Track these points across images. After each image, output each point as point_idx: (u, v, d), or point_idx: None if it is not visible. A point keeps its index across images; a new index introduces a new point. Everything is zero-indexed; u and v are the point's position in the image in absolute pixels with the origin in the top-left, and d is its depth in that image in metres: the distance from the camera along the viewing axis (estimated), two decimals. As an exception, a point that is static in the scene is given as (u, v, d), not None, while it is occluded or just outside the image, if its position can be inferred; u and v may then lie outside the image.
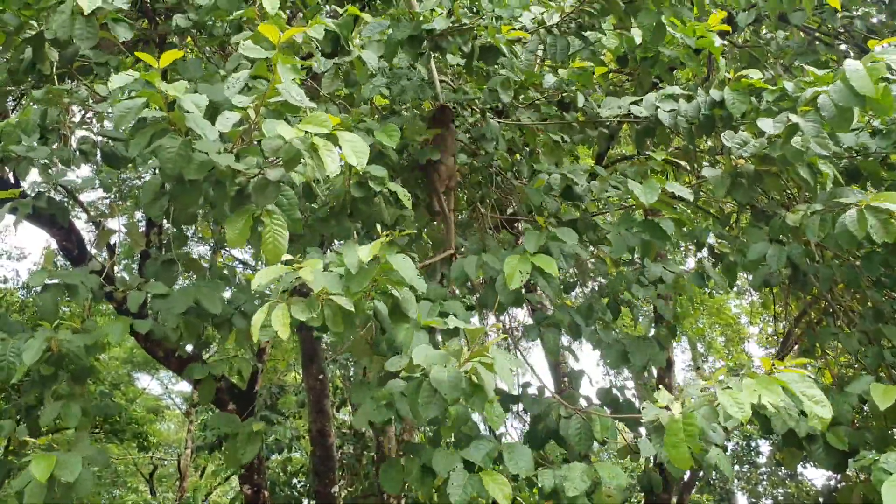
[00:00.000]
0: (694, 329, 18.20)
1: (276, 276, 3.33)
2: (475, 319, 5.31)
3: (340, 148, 3.42)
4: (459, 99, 6.09)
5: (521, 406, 5.43)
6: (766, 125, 4.47)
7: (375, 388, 4.04)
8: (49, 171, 5.31)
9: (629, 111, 5.14)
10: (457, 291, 5.62)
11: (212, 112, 3.64)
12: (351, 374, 13.92)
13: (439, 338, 4.04)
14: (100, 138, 5.42)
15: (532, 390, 5.00)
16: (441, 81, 6.03)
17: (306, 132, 3.27)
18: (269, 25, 3.52)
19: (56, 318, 4.44)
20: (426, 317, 3.87)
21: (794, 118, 4.32)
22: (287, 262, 3.41)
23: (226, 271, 6.28)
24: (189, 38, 6.95)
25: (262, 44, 3.71)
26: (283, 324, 3.18)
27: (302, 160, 3.41)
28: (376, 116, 6.35)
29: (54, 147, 5.13)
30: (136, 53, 3.60)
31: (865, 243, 4.50)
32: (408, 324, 3.68)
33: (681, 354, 20.80)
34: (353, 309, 3.35)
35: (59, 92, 5.08)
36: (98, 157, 5.48)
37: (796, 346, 9.27)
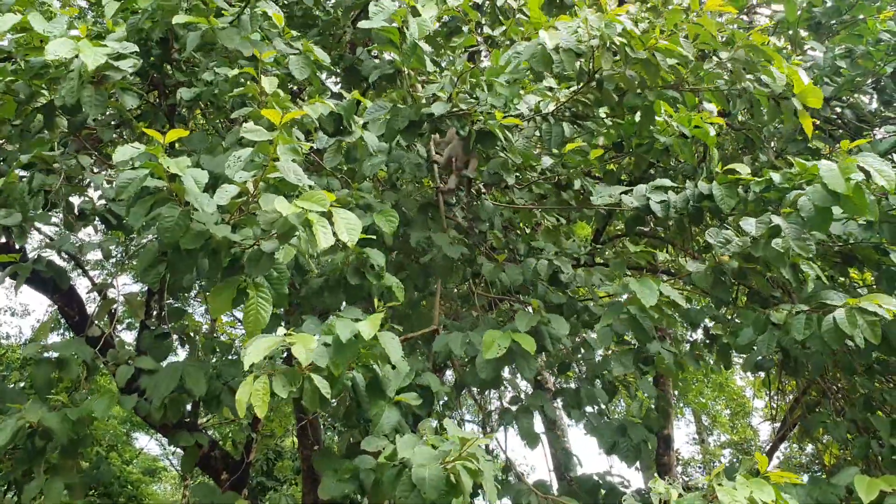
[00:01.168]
0: (698, 402, 18.05)
1: (267, 349, 3.34)
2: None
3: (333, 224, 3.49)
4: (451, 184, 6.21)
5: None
6: (749, 225, 4.56)
7: (341, 460, 4.06)
8: (40, 232, 5.42)
9: (620, 200, 5.23)
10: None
11: (213, 182, 3.75)
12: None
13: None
14: (101, 202, 5.54)
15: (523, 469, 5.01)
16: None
17: (302, 208, 3.35)
18: (272, 110, 3.64)
19: (48, 391, 4.47)
20: (399, 385, 3.89)
21: (775, 219, 4.42)
22: (281, 320, 3.47)
23: (224, 338, 6.34)
24: (198, 111, 7.14)
25: (264, 124, 3.84)
26: (263, 400, 3.21)
27: (296, 234, 3.49)
28: (378, 189, 6.48)
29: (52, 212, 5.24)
30: (143, 129, 3.71)
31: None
32: (383, 400, 3.71)
33: (685, 427, 20.58)
34: (328, 392, 3.39)
35: (50, 158, 5.19)
36: (97, 221, 5.60)
37: (795, 428, 9.21)
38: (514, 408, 5.24)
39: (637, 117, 5.28)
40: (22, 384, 14.88)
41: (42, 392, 4.44)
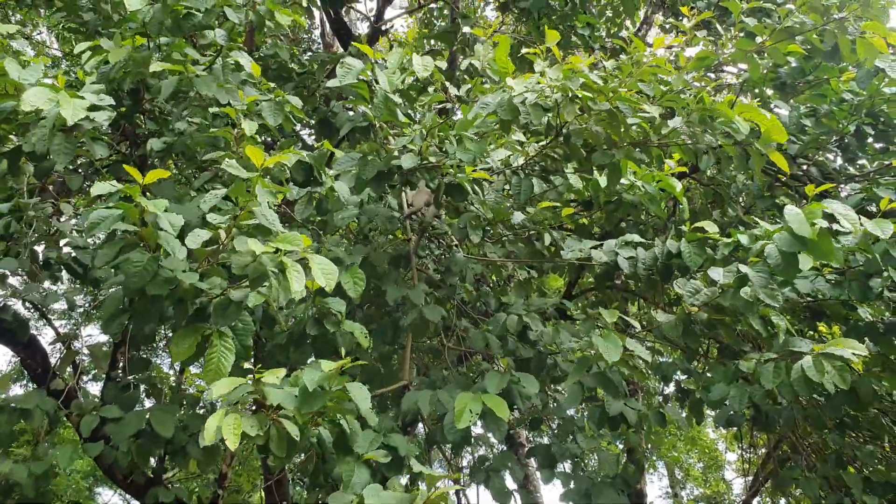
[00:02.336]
0: (671, 456, 17.98)
1: (234, 386, 3.29)
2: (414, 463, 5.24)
3: (310, 269, 3.45)
4: (427, 232, 6.22)
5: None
6: (717, 274, 4.59)
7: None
8: (15, 281, 5.33)
9: (590, 255, 5.25)
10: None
11: (180, 231, 3.71)
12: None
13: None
14: (66, 251, 5.46)
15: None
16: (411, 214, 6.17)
17: (277, 249, 3.31)
18: (254, 148, 3.64)
19: (10, 443, 4.35)
20: (368, 448, 3.83)
21: (743, 268, 4.45)
22: (247, 373, 3.39)
23: (193, 390, 6.23)
24: (170, 161, 7.12)
25: (244, 164, 3.83)
26: (234, 433, 3.13)
27: (267, 281, 3.45)
28: (350, 241, 6.46)
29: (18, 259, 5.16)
30: (125, 167, 3.66)
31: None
32: (351, 457, 3.63)
33: (658, 481, 20.46)
34: (298, 436, 3.31)
35: (26, 205, 5.14)
36: (63, 272, 5.51)
37: (768, 482, 9.17)
38: (485, 464, 5.17)
39: (604, 180, 5.35)
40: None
41: (3, 444, 4.32)
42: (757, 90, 7.33)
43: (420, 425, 8.70)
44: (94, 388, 14.57)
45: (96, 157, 4.39)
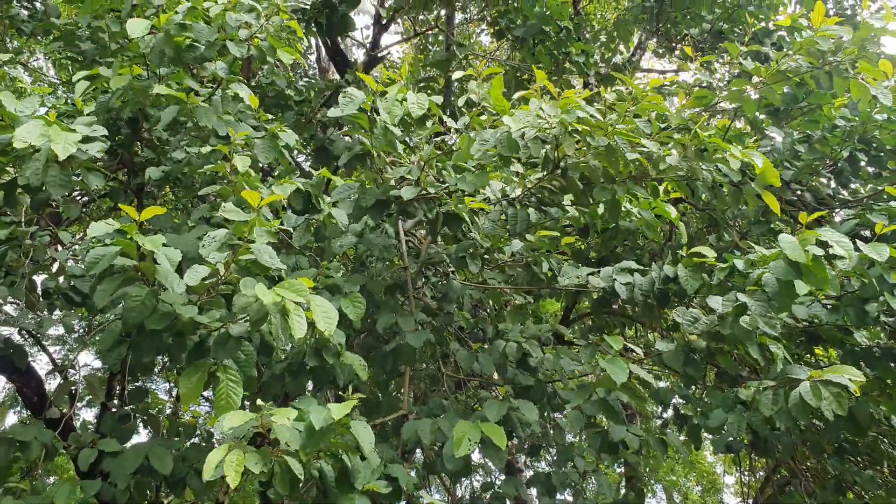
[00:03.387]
0: (669, 479, 17.91)
1: (243, 420, 3.27)
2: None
3: (310, 312, 3.44)
4: (424, 261, 6.23)
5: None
6: (716, 303, 4.62)
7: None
8: (10, 309, 5.32)
9: (587, 281, 5.27)
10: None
11: (179, 262, 3.71)
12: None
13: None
14: (64, 280, 5.46)
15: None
16: (407, 241, 6.19)
17: (282, 297, 3.31)
18: (251, 192, 3.65)
19: (7, 476, 4.32)
20: (370, 478, 3.81)
21: (741, 297, 4.47)
22: (255, 409, 3.36)
23: (188, 416, 6.20)
24: (167, 189, 7.14)
25: (241, 205, 3.85)
26: (236, 470, 3.09)
27: (268, 322, 3.45)
28: (346, 268, 6.47)
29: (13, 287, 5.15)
30: (120, 205, 3.67)
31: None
32: (353, 493, 3.62)
33: (656, 504, 20.36)
34: (301, 473, 3.29)
35: (24, 234, 5.14)
36: (60, 300, 5.50)
37: (767, 507, 9.13)
38: (487, 494, 5.16)
39: (601, 208, 5.38)
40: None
41: (0, 477, 4.29)
42: (750, 116, 7.40)
43: (418, 451, 8.68)
44: (88, 415, 14.51)
45: (91, 187, 4.39)
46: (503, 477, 6.40)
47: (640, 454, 6.10)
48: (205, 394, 14.78)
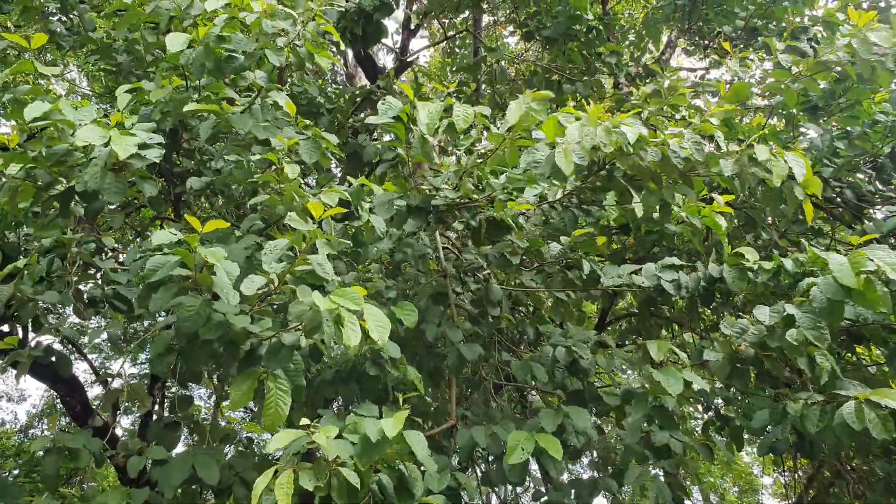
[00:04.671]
0: (707, 481, 17.74)
1: (292, 439, 3.29)
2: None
3: (364, 321, 3.45)
4: (462, 268, 6.23)
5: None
6: (763, 314, 4.55)
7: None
8: (56, 318, 5.40)
9: (630, 280, 5.23)
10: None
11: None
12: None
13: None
14: (105, 286, 5.52)
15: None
16: (444, 248, 6.19)
17: (337, 304, 3.33)
18: (315, 203, 3.71)
19: (57, 484, 4.38)
20: (435, 488, 3.82)
21: (789, 309, 4.41)
22: (302, 427, 3.36)
23: (226, 424, 6.24)
24: (203, 199, 7.20)
25: (305, 216, 3.89)
26: (286, 492, 3.10)
27: (321, 331, 3.47)
28: (382, 273, 6.48)
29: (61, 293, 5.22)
30: (186, 216, 3.72)
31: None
32: (412, 501, 3.62)
33: (694, 506, 20.17)
34: (358, 484, 3.29)
35: (69, 241, 5.21)
36: (106, 307, 5.57)
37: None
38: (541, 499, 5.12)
39: (640, 210, 5.33)
40: (16, 472, 14.60)
41: (50, 483, 4.35)
42: (785, 112, 7.32)
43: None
44: (125, 422, 14.68)
45: (146, 195, 4.45)
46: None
47: (684, 459, 6.02)
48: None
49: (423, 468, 3.70)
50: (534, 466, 4.98)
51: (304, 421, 3.37)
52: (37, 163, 4.42)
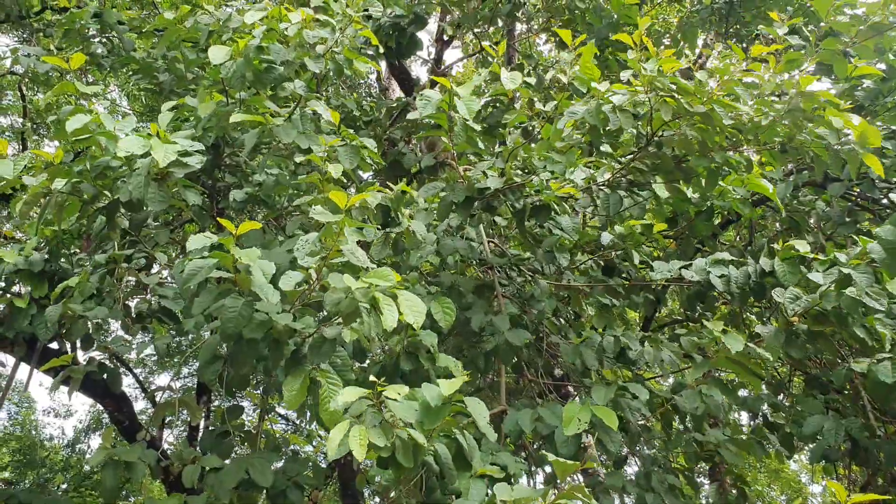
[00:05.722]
0: (754, 490, 17.41)
1: (357, 396, 3.29)
2: (524, 480, 5.13)
3: (398, 305, 3.45)
4: (504, 264, 6.20)
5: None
6: (817, 277, 4.46)
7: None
8: (101, 333, 5.46)
9: (680, 275, 5.18)
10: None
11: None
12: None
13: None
14: (154, 300, 5.59)
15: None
16: (489, 241, 6.18)
17: (370, 284, 3.35)
18: (338, 192, 3.71)
19: (117, 496, 4.42)
20: (486, 461, 3.79)
21: (845, 269, 4.32)
22: (368, 386, 3.36)
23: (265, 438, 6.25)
24: (245, 212, 7.28)
25: (330, 207, 3.90)
26: (361, 444, 3.11)
27: (360, 317, 3.47)
28: (423, 282, 6.49)
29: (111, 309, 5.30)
30: (218, 219, 3.75)
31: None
32: (469, 472, 3.60)
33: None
34: (425, 443, 3.29)
35: (119, 256, 5.29)
36: (153, 322, 5.64)
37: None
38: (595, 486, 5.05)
39: (691, 191, 5.26)
40: (64, 486, 14.82)
41: (111, 497, 4.41)
42: (841, 77, 7.18)
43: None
44: (168, 435, 14.87)
45: (190, 203, 4.49)
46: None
47: (722, 471, 5.93)
48: (281, 410, 15.00)
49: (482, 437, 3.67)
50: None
51: (372, 377, 3.36)
52: (81, 177, 4.50)
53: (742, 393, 6.18)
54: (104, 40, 7.71)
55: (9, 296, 5.76)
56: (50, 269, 5.48)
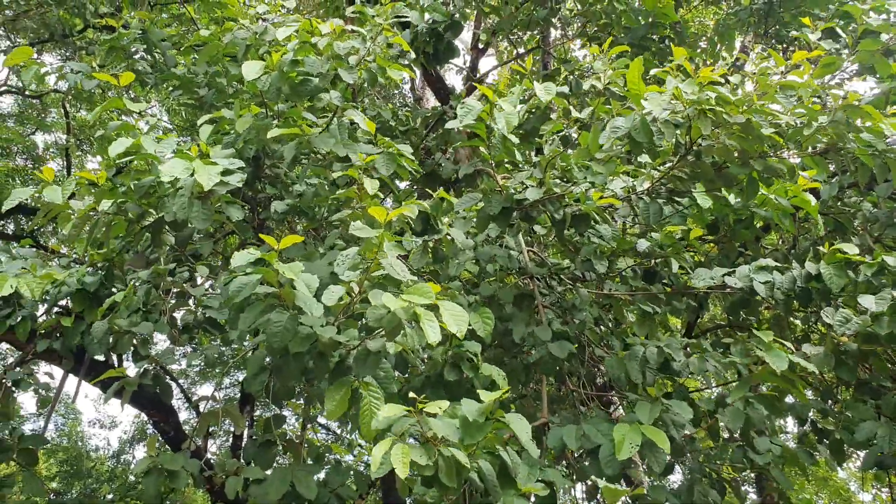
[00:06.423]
0: (802, 498, 17.09)
1: (398, 414, 3.30)
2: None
3: (441, 316, 3.44)
4: (544, 273, 6.16)
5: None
6: (868, 302, 4.37)
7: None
8: (148, 347, 5.56)
9: (723, 282, 5.10)
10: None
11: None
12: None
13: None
14: (198, 311, 5.66)
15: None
16: (528, 250, 6.14)
17: (410, 302, 3.34)
18: (377, 207, 3.72)
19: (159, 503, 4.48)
20: (527, 480, 3.76)
21: (900, 295, 4.23)
22: (408, 404, 3.37)
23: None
24: (287, 224, 7.34)
25: (369, 222, 3.92)
26: (404, 462, 3.10)
27: (403, 332, 3.48)
28: (462, 292, 6.48)
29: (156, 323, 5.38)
30: (260, 235, 3.81)
31: None
32: (514, 489, 3.58)
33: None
34: (467, 462, 3.28)
35: (164, 271, 5.38)
36: (199, 333, 5.72)
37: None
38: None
39: (731, 198, 5.18)
40: (110, 496, 15.06)
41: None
42: (883, 76, 7.03)
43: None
44: (210, 445, 15.05)
45: (233, 219, 4.55)
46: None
47: (781, 469, 5.80)
48: (322, 420, 15.09)
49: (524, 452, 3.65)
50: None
51: (412, 394, 3.36)
52: (126, 197, 4.59)
53: (788, 399, 6.07)
54: (147, 57, 7.85)
55: (55, 315, 5.86)
56: (105, 293, 5.57)
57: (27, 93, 15.14)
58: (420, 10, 7.49)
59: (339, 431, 15.47)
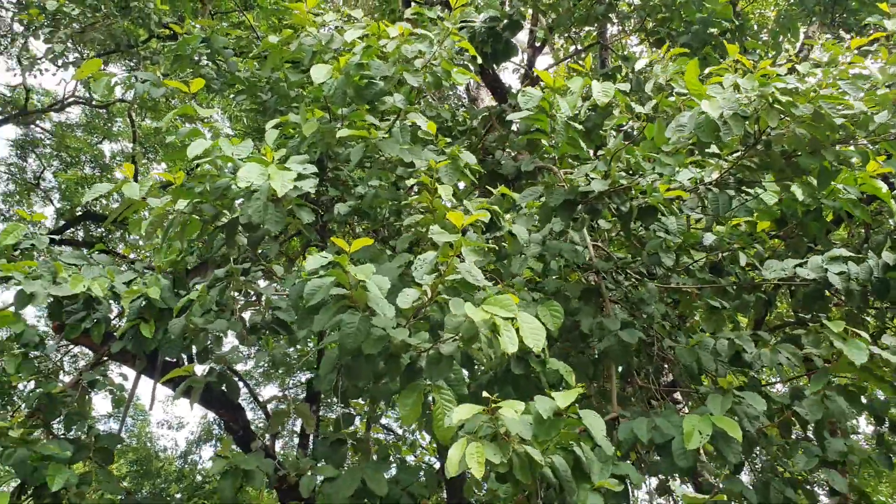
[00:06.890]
0: (877, 500, 16.59)
1: (472, 413, 3.31)
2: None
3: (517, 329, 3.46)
4: (610, 268, 6.11)
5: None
6: None
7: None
8: (220, 347, 5.67)
9: (794, 273, 4.98)
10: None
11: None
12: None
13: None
14: (267, 312, 5.76)
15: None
16: (594, 245, 6.10)
17: (490, 314, 3.36)
18: (455, 212, 3.77)
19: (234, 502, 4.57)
20: (598, 477, 3.75)
21: None
22: (482, 403, 3.39)
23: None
24: (348, 225, 7.42)
25: (448, 227, 3.95)
26: (479, 462, 3.14)
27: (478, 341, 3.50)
28: (527, 288, 6.46)
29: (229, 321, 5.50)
30: (332, 239, 3.87)
31: None
32: (588, 484, 3.58)
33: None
34: (542, 460, 3.30)
35: (236, 271, 5.50)
36: (267, 334, 5.82)
37: None
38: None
39: (800, 193, 5.07)
40: (178, 495, 15.42)
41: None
42: None
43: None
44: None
45: (304, 222, 4.64)
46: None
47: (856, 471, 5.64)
48: (384, 420, 15.20)
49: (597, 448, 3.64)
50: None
51: (485, 393, 3.38)
52: (202, 197, 4.70)
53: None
54: (211, 64, 8.03)
55: (132, 320, 6.02)
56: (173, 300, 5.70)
57: (94, 103, 15.61)
58: (476, 8, 7.51)
59: (400, 431, 15.58)
